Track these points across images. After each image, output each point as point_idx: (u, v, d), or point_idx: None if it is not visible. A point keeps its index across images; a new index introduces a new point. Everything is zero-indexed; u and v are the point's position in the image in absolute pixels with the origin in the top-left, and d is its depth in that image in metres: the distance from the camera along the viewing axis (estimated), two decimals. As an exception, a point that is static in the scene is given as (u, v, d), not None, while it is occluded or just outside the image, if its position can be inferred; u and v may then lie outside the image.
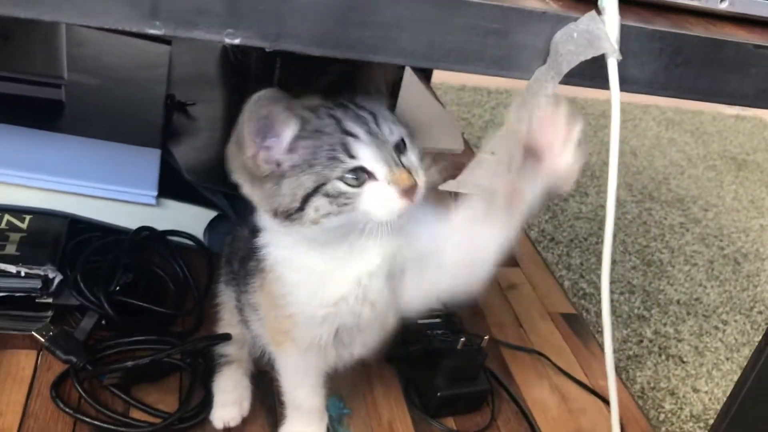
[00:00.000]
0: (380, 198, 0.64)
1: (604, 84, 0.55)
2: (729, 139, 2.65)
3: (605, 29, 0.51)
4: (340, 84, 0.69)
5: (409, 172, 0.65)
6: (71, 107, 1.08)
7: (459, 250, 0.67)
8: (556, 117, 0.56)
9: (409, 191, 0.64)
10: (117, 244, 0.98)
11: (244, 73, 1.37)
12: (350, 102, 0.67)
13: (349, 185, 0.63)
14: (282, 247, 0.71)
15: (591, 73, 0.55)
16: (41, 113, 1.04)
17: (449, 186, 0.68)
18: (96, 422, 0.81)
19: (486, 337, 0.92)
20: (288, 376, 0.82)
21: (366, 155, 0.63)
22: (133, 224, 1.01)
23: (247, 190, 0.67)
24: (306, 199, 0.63)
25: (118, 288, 0.93)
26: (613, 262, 1.76)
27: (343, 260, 0.69)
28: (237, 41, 0.50)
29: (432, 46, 0.50)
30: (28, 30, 1.06)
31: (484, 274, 0.66)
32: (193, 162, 1.08)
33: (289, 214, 0.65)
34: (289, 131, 0.63)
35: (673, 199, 2.12)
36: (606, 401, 1.04)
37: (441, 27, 0.50)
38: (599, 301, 1.60)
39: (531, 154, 0.58)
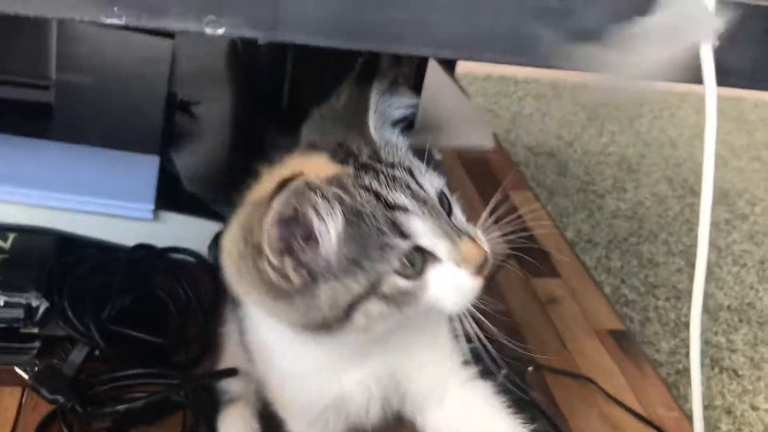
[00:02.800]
0: (451, 284, 0.50)
1: (685, 76, 0.43)
2: (773, 127, 2.50)
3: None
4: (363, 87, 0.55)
5: (473, 239, 0.51)
6: (60, 110, 0.97)
7: None
8: None
9: (482, 266, 0.50)
10: (111, 264, 0.88)
11: (254, 68, 1.27)
12: (372, 158, 0.51)
13: (408, 278, 0.49)
14: (269, 330, 0.57)
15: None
16: (26, 118, 0.94)
17: None
18: (84, 473, 0.72)
19: (530, 369, 0.80)
20: None
21: (421, 229, 0.49)
22: (129, 241, 0.90)
23: (266, 308, 0.53)
24: (353, 306, 0.49)
25: (112, 314, 0.84)
26: (657, 264, 1.63)
27: (350, 356, 0.56)
28: (221, 31, 0.39)
29: (473, 31, 0.39)
30: (10, 26, 0.96)
31: None
32: (195, 169, 0.97)
33: (329, 326, 0.50)
34: (333, 228, 0.48)
35: (717, 194, 1.96)
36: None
37: (485, 5, 0.38)
38: (643, 308, 1.48)
39: None
